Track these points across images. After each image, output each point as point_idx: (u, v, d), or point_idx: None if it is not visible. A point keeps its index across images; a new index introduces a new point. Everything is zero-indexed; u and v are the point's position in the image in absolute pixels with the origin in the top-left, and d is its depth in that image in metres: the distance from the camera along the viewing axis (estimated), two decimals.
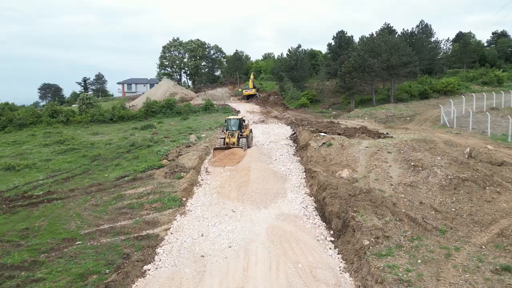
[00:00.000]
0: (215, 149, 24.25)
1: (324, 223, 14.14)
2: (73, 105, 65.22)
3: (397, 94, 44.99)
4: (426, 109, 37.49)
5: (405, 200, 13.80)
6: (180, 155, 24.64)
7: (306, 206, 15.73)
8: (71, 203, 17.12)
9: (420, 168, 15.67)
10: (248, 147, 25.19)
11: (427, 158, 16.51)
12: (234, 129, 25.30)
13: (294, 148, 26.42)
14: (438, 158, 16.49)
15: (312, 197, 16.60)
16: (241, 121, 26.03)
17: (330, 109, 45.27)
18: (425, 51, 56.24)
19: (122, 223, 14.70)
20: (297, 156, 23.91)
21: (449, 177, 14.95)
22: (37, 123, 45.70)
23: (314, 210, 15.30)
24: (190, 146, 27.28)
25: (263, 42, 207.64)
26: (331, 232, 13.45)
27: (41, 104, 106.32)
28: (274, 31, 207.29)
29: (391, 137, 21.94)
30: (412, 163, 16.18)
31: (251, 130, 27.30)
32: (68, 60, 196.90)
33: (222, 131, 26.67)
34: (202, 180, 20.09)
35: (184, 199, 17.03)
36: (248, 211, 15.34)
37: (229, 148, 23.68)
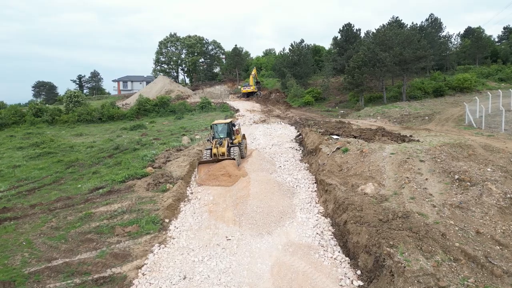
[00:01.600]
0: (200, 163, 19.10)
1: (347, 258, 10.69)
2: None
3: (409, 91, 41.50)
4: (444, 107, 34.01)
5: (456, 228, 10.34)
6: (169, 160, 21.22)
7: (322, 231, 12.28)
8: (26, 225, 13.70)
9: (469, 183, 12.20)
10: (242, 157, 20.61)
11: (474, 170, 13.04)
12: (222, 136, 20.36)
13: (300, 152, 22.97)
14: (489, 169, 13.02)
15: (328, 219, 13.15)
16: (231, 125, 20.97)
17: (337, 108, 41.78)
18: (436, 46, 52.74)
19: (82, 256, 11.27)
20: (305, 163, 20.46)
21: (508, 195, 11.49)
22: (20, 123, 42.37)
23: (332, 238, 11.84)
24: (181, 150, 23.85)
25: (264, 40, 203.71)
26: (358, 271, 10.01)
27: (36, 102, 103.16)
28: (274, 30, 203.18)
29: (417, 140, 18.48)
30: (457, 176, 12.71)
31: (244, 136, 22.36)
32: (68, 59, 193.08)
33: (208, 140, 21.27)
34: (192, 193, 16.64)
35: (166, 220, 13.59)
36: (247, 239, 11.90)
37: (219, 160, 18.65)
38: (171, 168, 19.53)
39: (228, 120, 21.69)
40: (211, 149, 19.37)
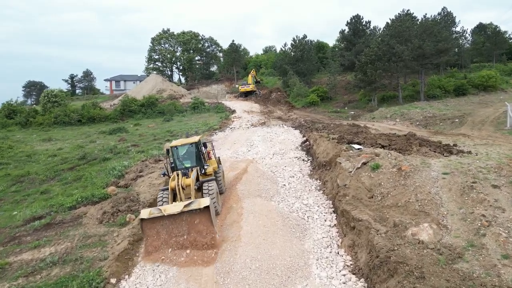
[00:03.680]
0: (143, 220, 9.92)
1: None
2: None
3: (427, 90, 36.87)
4: (472, 108, 29.35)
5: None
6: (140, 176, 16.57)
7: None
8: None
9: None
10: (221, 193, 13.42)
11: None
12: (188, 165, 12.68)
13: (309, 164, 18.31)
14: None
15: (362, 280, 8.47)
16: (199, 146, 13.14)
17: (346, 108, 37.07)
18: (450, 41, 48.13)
19: None
20: (316, 179, 15.81)
21: None
22: None
23: None
24: (160, 161, 19.24)
25: (264, 40, 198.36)
26: None
27: (28, 102, 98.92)
28: (274, 30, 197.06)
29: (469, 152, 13.82)
30: None
31: (219, 159, 14.84)
32: (67, 59, 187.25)
33: (163, 174, 13.22)
34: None
35: (112, 281, 8.90)
36: None
37: (181, 212, 9.80)
38: (140, 188, 14.88)
39: (196, 138, 13.27)
40: (168, 188, 11.21)
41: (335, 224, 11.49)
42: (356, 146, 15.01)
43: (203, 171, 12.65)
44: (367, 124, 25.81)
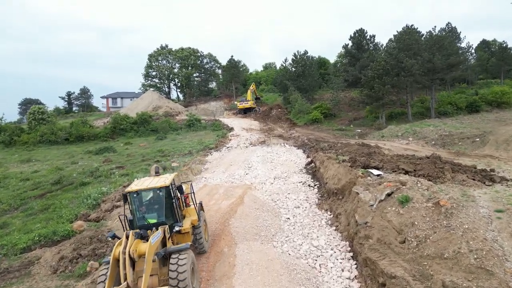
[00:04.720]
0: None
1: None
2: None
3: (437, 107, 34.65)
4: (491, 126, 26.98)
5: None
6: (118, 206, 14.00)
7: None
8: None
9: None
10: (202, 252, 9.54)
11: None
12: (153, 219, 8.23)
13: (316, 190, 15.77)
14: None
15: None
16: (171, 191, 8.63)
17: (351, 126, 34.73)
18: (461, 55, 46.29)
19: None
20: (326, 210, 13.26)
21: None
22: None
23: None
24: None
25: (264, 59, 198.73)
26: None
27: (24, 120, 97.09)
28: (274, 49, 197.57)
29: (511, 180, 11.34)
30: None
31: (200, 205, 10.34)
32: (67, 77, 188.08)
33: (112, 236, 7.69)
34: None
35: None
36: None
37: None
38: (114, 222, 12.30)
39: (166, 180, 8.73)
40: (109, 260, 7.00)
41: (355, 276, 8.87)
42: (375, 172, 12.50)
43: (176, 230, 8.16)
44: (378, 144, 23.39)
